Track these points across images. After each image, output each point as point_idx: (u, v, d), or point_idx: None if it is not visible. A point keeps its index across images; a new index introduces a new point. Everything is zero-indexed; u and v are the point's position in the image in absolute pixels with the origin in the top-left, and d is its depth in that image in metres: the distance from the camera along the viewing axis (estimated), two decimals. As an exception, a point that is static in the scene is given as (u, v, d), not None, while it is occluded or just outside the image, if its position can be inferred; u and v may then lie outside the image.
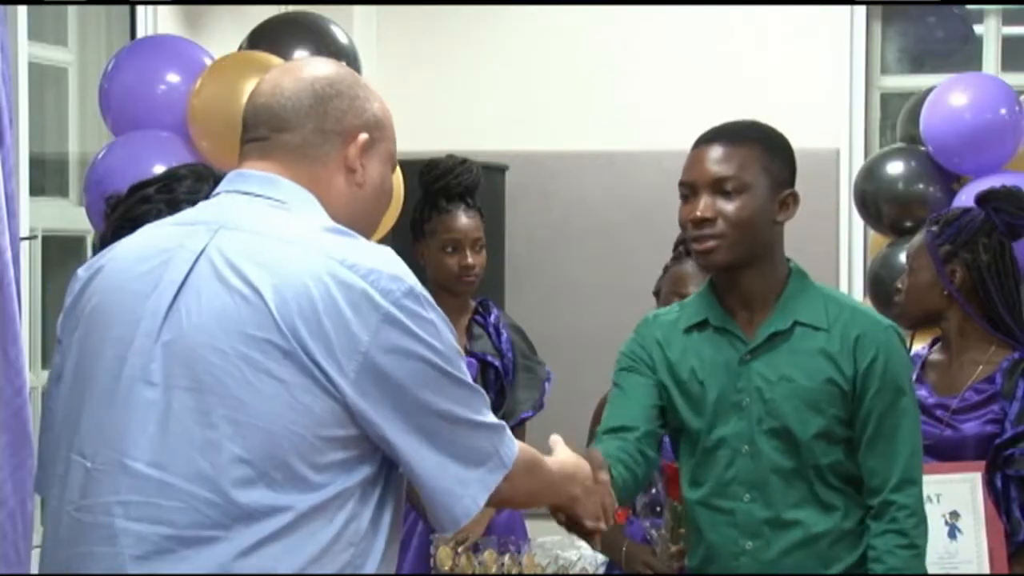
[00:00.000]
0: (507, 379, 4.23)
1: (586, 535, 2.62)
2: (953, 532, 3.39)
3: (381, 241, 4.36)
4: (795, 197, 2.90)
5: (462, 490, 2.14)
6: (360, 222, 2.22)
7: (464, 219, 4.22)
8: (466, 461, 2.15)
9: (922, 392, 3.55)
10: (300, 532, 2.03)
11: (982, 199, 3.61)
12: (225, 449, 2.02)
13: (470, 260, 4.20)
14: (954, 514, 3.40)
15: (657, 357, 2.98)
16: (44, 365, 4.61)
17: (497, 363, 4.24)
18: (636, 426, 2.94)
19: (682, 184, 2.92)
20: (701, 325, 2.96)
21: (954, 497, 3.40)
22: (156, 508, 2.04)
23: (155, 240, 2.18)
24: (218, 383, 2.03)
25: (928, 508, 3.01)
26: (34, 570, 3.42)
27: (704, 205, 2.86)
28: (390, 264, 2.09)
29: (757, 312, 2.92)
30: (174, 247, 2.14)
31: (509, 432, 2.24)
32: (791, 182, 2.92)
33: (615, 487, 2.72)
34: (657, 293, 3.88)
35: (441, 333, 2.11)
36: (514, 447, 2.23)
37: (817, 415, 2.86)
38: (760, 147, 2.89)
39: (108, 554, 2.06)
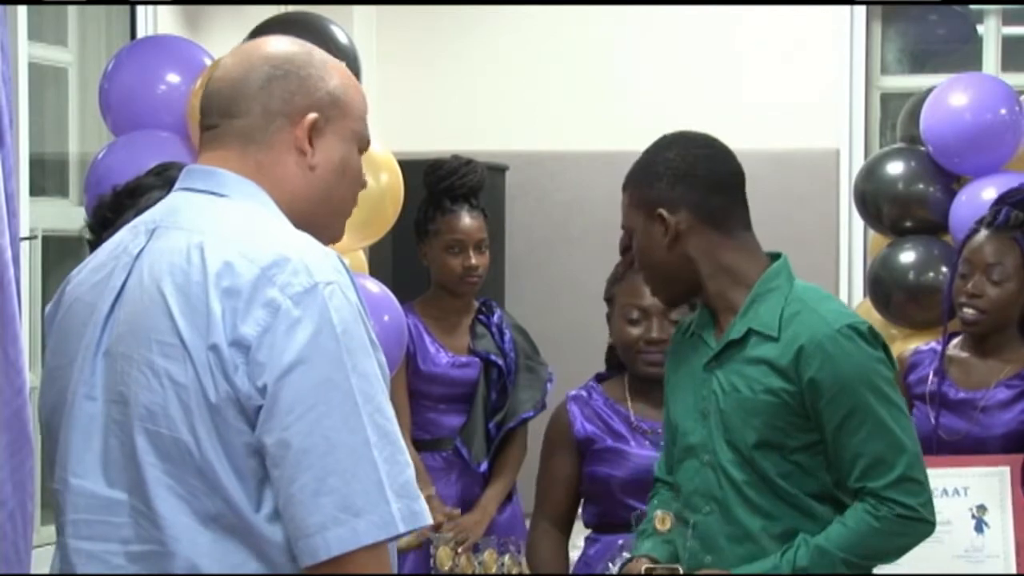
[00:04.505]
0: (509, 379, 4.23)
1: None
2: (980, 526, 3.34)
3: (382, 241, 4.35)
4: (662, 216, 2.80)
5: (321, 530, 1.89)
6: (322, 206, 2.10)
7: (468, 220, 4.22)
8: (341, 499, 1.89)
9: (947, 388, 3.55)
10: (239, 542, 1.93)
11: (1008, 199, 3.57)
12: (144, 461, 1.95)
13: (473, 261, 4.20)
14: (981, 508, 3.35)
15: (671, 369, 2.97)
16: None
17: (500, 363, 4.24)
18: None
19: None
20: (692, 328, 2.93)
21: (981, 491, 3.35)
22: (105, 525, 1.99)
23: (110, 246, 2.12)
24: (131, 393, 1.97)
25: (955, 501, 2.97)
26: (34, 570, 3.42)
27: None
28: (301, 258, 1.95)
29: (732, 316, 2.84)
30: (120, 253, 2.07)
31: (420, 504, 1.95)
32: (655, 199, 2.82)
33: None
34: (610, 300, 3.61)
35: (339, 338, 1.92)
36: (420, 520, 1.94)
37: (757, 426, 2.75)
38: (629, 188, 2.88)
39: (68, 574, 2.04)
